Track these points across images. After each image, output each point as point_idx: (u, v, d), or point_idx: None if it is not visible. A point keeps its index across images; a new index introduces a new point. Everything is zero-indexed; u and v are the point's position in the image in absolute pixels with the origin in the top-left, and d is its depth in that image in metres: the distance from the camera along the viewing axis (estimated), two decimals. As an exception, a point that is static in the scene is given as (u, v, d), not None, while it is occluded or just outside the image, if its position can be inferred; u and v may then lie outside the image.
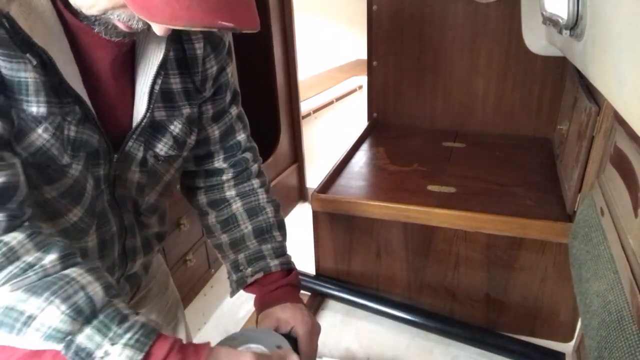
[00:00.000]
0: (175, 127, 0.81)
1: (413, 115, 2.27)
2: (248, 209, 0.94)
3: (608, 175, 1.11)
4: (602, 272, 0.93)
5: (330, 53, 4.06)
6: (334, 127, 3.35)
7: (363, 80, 3.49)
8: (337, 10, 4.03)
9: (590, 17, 0.81)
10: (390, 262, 1.72)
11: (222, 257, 0.97)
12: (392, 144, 2.12)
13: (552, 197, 1.61)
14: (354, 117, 3.09)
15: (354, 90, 3.74)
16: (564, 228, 1.43)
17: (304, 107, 2.88)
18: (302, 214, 2.60)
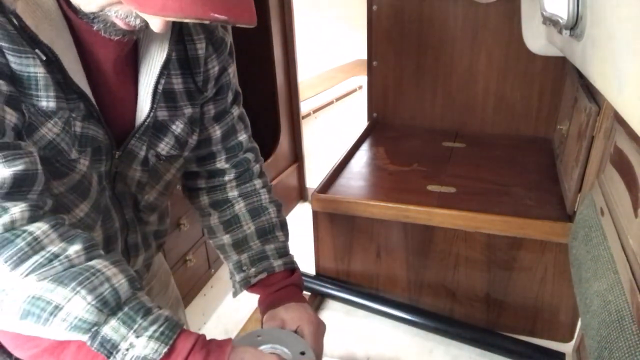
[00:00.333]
0: (177, 127, 0.81)
1: (413, 115, 2.27)
2: (251, 210, 0.94)
3: (608, 175, 1.11)
4: (602, 272, 0.93)
5: (330, 53, 4.06)
6: (334, 127, 3.35)
7: (363, 80, 3.48)
8: (337, 10, 4.03)
9: (590, 17, 0.81)
10: (390, 262, 1.72)
11: (224, 257, 0.97)
12: (392, 144, 2.11)
13: (552, 197, 1.61)
14: (354, 117, 3.08)
15: (354, 90, 3.74)
16: (564, 228, 1.43)
17: (304, 107, 2.89)
18: (302, 214, 2.60)
